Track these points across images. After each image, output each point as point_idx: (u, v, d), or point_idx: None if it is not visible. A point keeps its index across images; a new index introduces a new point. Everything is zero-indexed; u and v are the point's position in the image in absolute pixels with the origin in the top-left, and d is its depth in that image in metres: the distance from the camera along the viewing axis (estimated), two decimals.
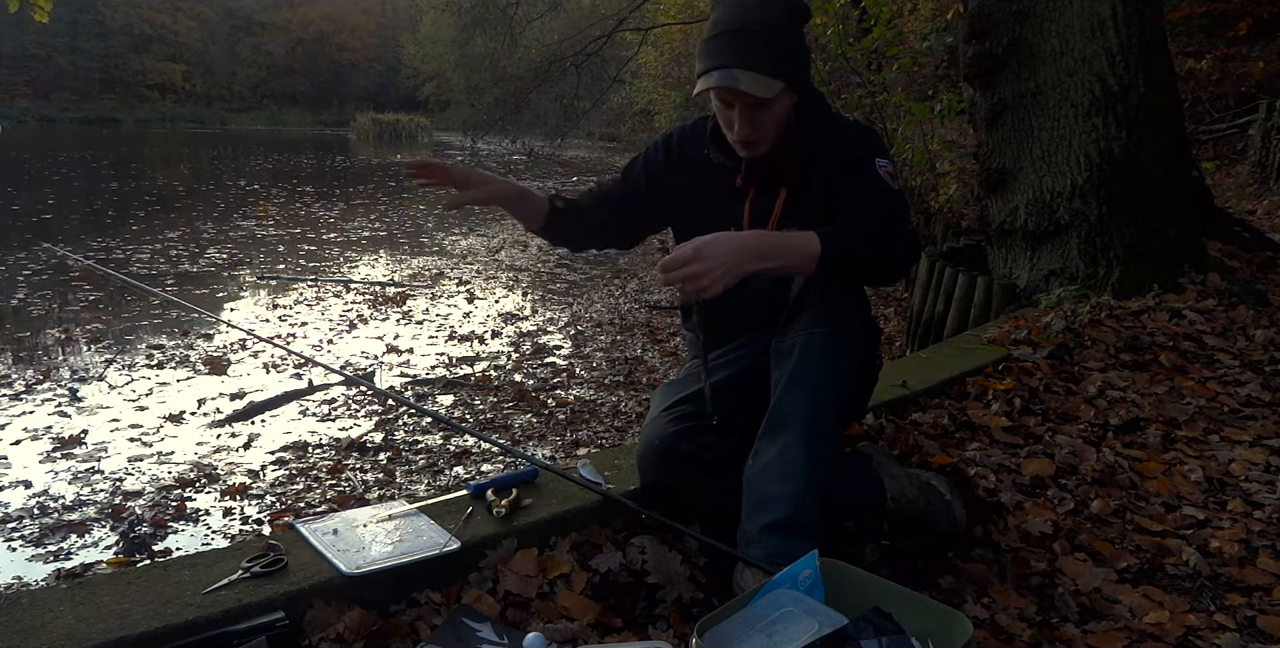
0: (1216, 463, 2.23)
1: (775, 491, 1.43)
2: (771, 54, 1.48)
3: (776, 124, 1.56)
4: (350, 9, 59.51)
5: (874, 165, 1.56)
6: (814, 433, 1.44)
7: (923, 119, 5.34)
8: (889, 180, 1.57)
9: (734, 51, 1.48)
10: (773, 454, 1.45)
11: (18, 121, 37.96)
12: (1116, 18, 3.29)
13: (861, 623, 1.16)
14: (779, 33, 1.50)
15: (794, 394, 1.45)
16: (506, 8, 14.75)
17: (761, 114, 1.52)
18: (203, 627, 1.20)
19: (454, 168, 1.63)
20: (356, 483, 2.88)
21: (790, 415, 1.45)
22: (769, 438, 1.47)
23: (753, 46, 1.48)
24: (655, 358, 4.47)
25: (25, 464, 3.01)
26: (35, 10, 5.24)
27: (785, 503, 1.41)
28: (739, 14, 1.50)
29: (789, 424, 1.45)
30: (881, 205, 1.54)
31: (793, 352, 1.46)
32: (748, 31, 1.49)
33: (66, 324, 5.03)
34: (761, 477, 1.45)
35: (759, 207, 1.63)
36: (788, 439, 1.44)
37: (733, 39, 1.49)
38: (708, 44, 1.52)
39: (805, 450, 1.43)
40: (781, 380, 1.47)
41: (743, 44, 1.48)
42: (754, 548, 1.42)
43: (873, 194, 1.55)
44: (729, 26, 1.50)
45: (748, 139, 1.56)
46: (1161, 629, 1.52)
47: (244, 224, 9.66)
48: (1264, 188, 7.50)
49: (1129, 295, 3.26)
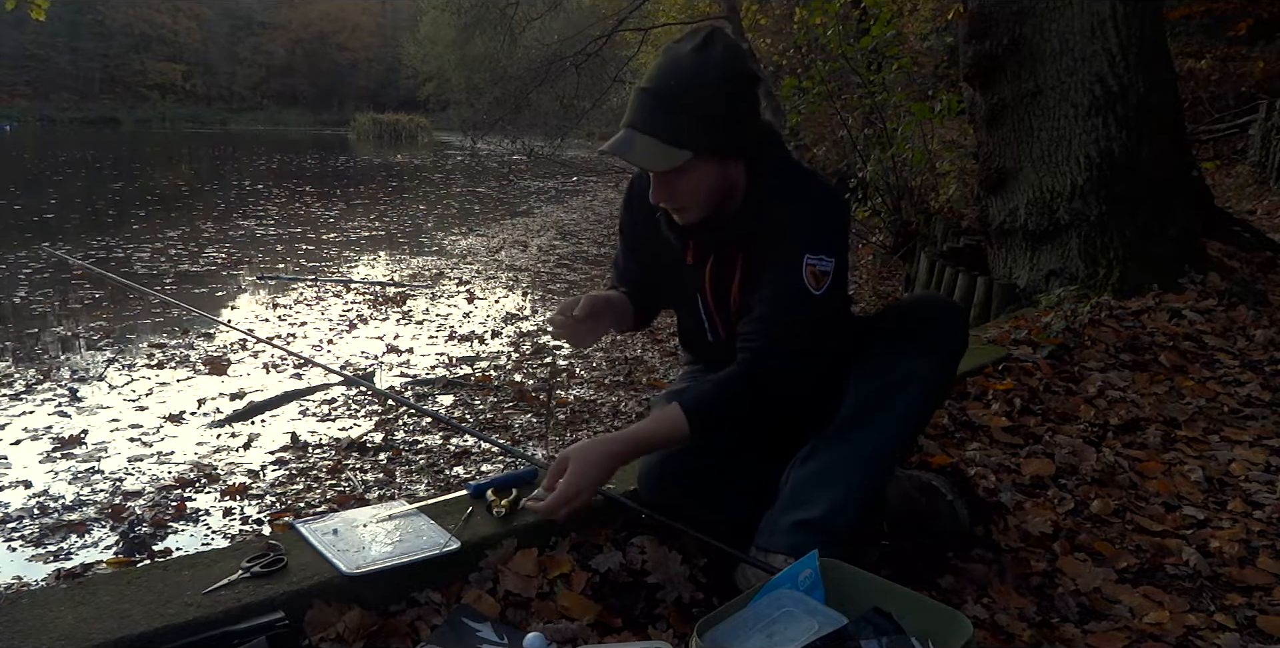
0: (1216, 463, 2.23)
1: (819, 493, 1.43)
2: (679, 120, 1.32)
3: (702, 191, 1.40)
4: (350, 9, 59.50)
5: (800, 262, 1.38)
6: (883, 458, 1.48)
7: (923, 119, 5.35)
8: (809, 284, 1.38)
9: (640, 111, 1.35)
10: (830, 461, 1.46)
11: (17, 121, 37.96)
12: (1116, 18, 3.29)
13: (861, 623, 1.16)
14: (700, 96, 1.32)
15: (881, 414, 1.46)
16: (506, 8, 14.76)
17: (676, 182, 1.38)
18: (203, 627, 1.20)
19: (579, 316, 1.50)
20: (356, 483, 2.87)
21: (867, 433, 1.46)
22: (835, 444, 1.47)
23: (659, 109, 1.33)
24: (655, 358, 4.47)
25: (25, 464, 3.00)
26: (32, 8, 5.24)
27: (824, 504, 1.42)
28: (665, 72, 1.34)
29: (859, 441, 1.46)
30: (780, 317, 1.40)
31: (893, 370, 1.47)
32: (659, 93, 1.33)
33: (67, 323, 5.03)
34: (811, 478, 1.46)
35: (719, 273, 1.52)
36: (853, 453, 1.45)
37: (643, 98, 1.35)
38: (631, 97, 1.40)
39: (867, 469, 1.46)
40: (867, 391, 1.48)
41: (650, 105, 1.34)
42: (778, 539, 1.43)
43: (778, 300, 1.40)
44: (647, 84, 1.36)
45: (667, 205, 1.44)
46: (1161, 629, 1.52)
47: (244, 224, 9.66)
48: (1264, 188, 7.51)
49: (1129, 295, 3.26)
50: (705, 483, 1.54)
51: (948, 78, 8.33)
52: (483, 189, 15.28)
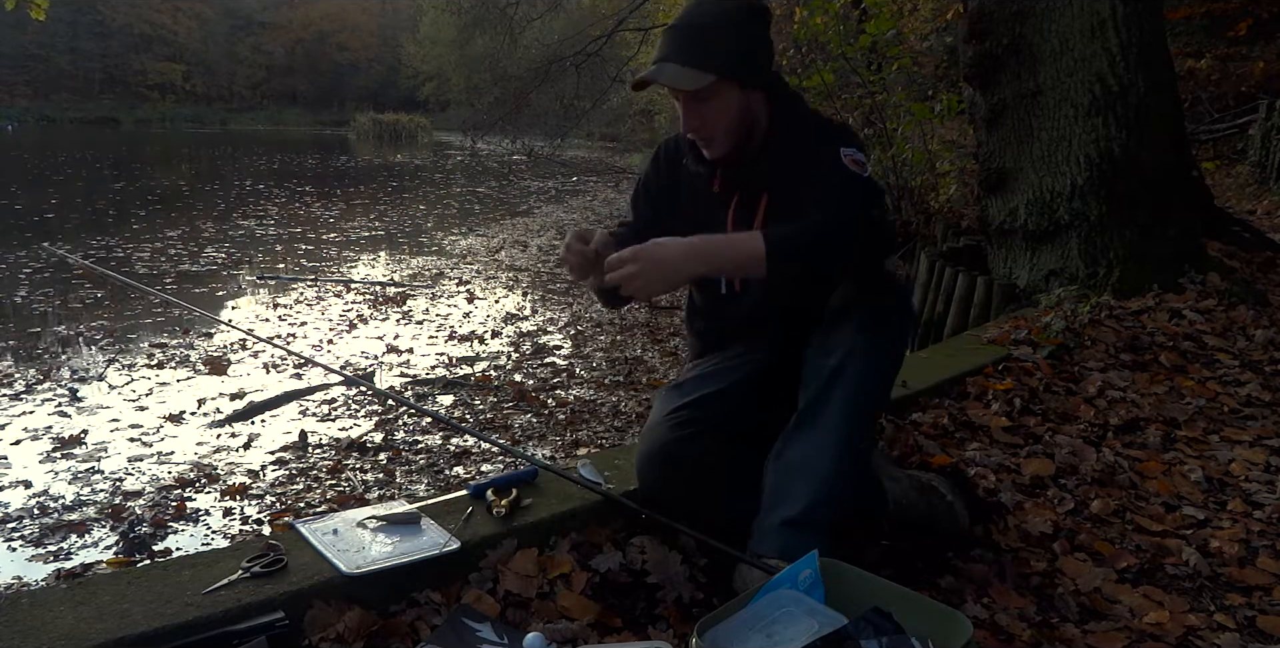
0: (1216, 463, 2.23)
1: (797, 489, 1.43)
2: (704, 47, 1.48)
3: (727, 118, 1.53)
4: (350, 9, 59.47)
5: (837, 154, 1.52)
6: (846, 440, 1.46)
7: (923, 119, 5.34)
8: (854, 168, 1.52)
9: (669, 45, 1.52)
10: (801, 452, 1.46)
11: (19, 121, 37.96)
12: (1116, 18, 3.29)
13: (861, 623, 1.16)
14: (720, 27, 1.50)
15: (831, 397, 1.46)
16: (506, 8, 14.76)
17: (703, 108, 1.52)
18: (203, 627, 1.20)
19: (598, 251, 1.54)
20: (356, 483, 2.87)
21: (826, 416, 1.46)
22: (797, 436, 1.47)
23: (687, 40, 1.50)
24: (655, 358, 4.47)
25: (25, 464, 3.00)
26: (32, 8, 5.23)
27: (804, 500, 1.42)
28: (689, 12, 1.54)
29: (820, 426, 1.46)
30: (841, 195, 1.49)
31: (834, 355, 1.47)
32: (685, 27, 1.52)
33: (67, 323, 5.03)
34: (785, 473, 1.46)
35: (742, 214, 1.60)
36: (817, 441, 1.45)
37: (672, 34, 1.53)
38: (660, 37, 1.57)
39: (834, 455, 1.44)
40: (818, 381, 1.47)
41: (678, 37, 1.52)
42: (768, 542, 1.43)
43: (834, 185, 1.50)
44: (674, 22, 1.55)
45: (696, 133, 1.56)
46: (1161, 629, 1.52)
47: (244, 223, 9.66)
48: (1264, 188, 7.50)
49: (1129, 295, 3.26)
50: (704, 473, 1.55)
51: (948, 78, 8.33)
52: (483, 189, 15.28)
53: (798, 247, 1.42)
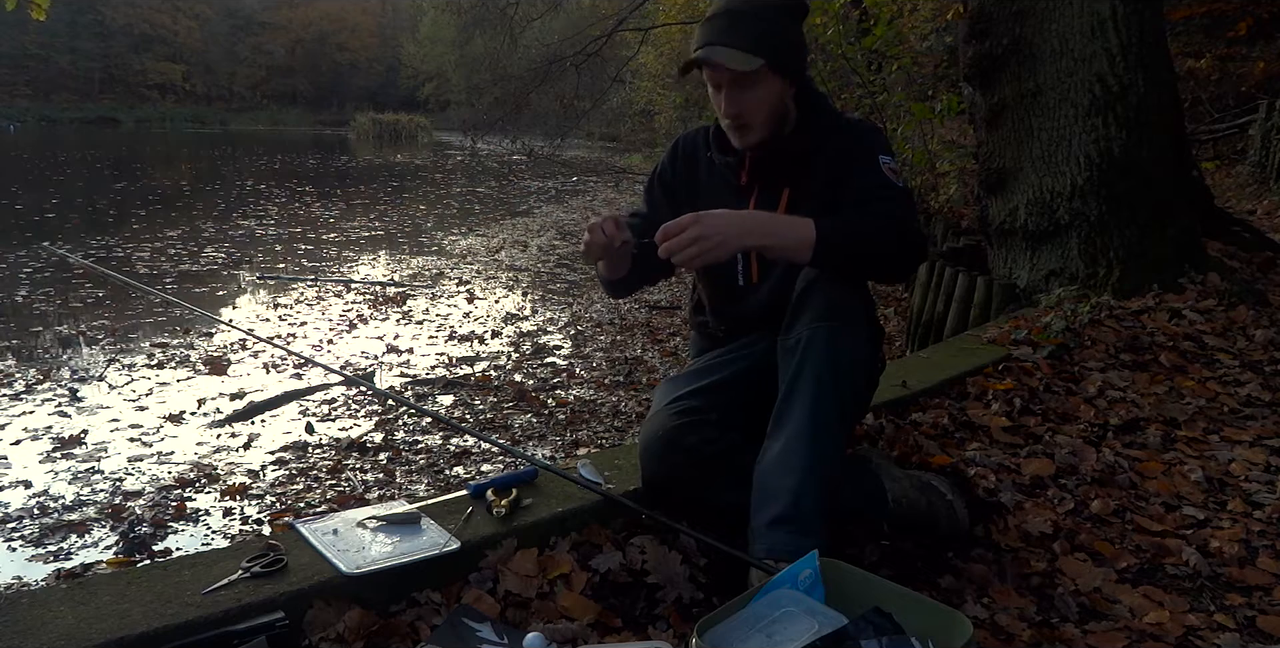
0: (1216, 463, 2.23)
1: (778, 485, 1.43)
2: (753, 33, 1.52)
3: (766, 106, 1.57)
4: (350, 9, 59.50)
5: (877, 161, 1.57)
6: (816, 428, 1.44)
7: (923, 119, 5.34)
8: (892, 177, 1.57)
9: (717, 30, 1.55)
10: (777, 450, 1.46)
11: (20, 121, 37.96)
12: (1116, 18, 3.29)
13: (861, 623, 1.16)
14: (767, 16, 1.54)
15: (798, 389, 1.46)
16: (506, 8, 14.73)
17: (746, 93, 1.55)
18: (203, 627, 1.20)
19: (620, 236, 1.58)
20: (356, 483, 2.88)
21: (794, 410, 1.45)
22: (775, 434, 1.47)
23: (735, 25, 1.53)
24: (655, 358, 4.47)
25: (25, 464, 3.00)
26: (32, 8, 5.22)
27: (785, 497, 1.41)
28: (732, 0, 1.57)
29: (793, 419, 1.45)
30: (883, 200, 1.54)
31: (798, 347, 1.46)
32: (733, 13, 1.55)
33: (67, 323, 5.03)
34: (767, 472, 1.46)
35: (763, 206, 1.64)
36: (791, 434, 1.44)
37: (719, 20, 1.56)
38: (699, 27, 1.59)
39: (807, 445, 1.43)
40: (786, 376, 1.47)
41: (726, 23, 1.54)
42: (758, 544, 1.43)
43: (875, 189, 1.55)
44: (719, 9, 1.58)
45: (735, 119, 1.58)
46: (1161, 629, 1.52)
47: (244, 223, 9.66)
48: (1264, 188, 7.50)
49: (1129, 295, 3.26)
50: (704, 460, 1.55)
51: (948, 78, 8.32)
52: (483, 189, 15.29)
53: (846, 239, 1.45)
